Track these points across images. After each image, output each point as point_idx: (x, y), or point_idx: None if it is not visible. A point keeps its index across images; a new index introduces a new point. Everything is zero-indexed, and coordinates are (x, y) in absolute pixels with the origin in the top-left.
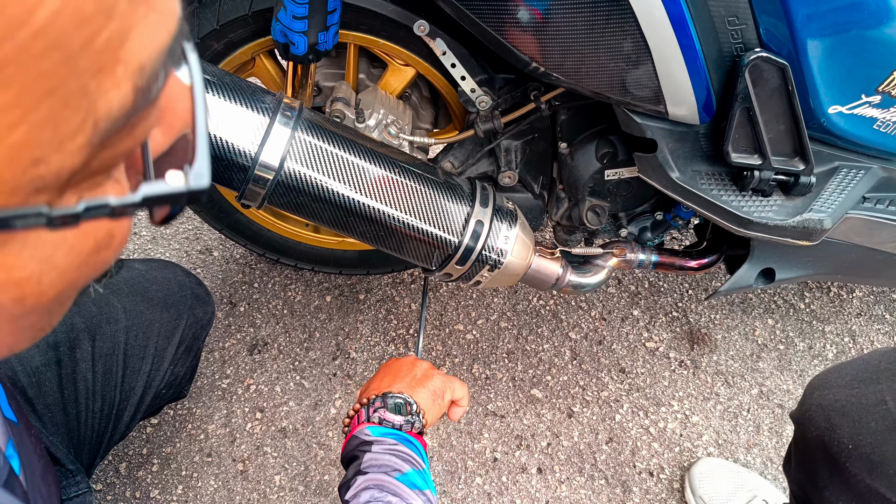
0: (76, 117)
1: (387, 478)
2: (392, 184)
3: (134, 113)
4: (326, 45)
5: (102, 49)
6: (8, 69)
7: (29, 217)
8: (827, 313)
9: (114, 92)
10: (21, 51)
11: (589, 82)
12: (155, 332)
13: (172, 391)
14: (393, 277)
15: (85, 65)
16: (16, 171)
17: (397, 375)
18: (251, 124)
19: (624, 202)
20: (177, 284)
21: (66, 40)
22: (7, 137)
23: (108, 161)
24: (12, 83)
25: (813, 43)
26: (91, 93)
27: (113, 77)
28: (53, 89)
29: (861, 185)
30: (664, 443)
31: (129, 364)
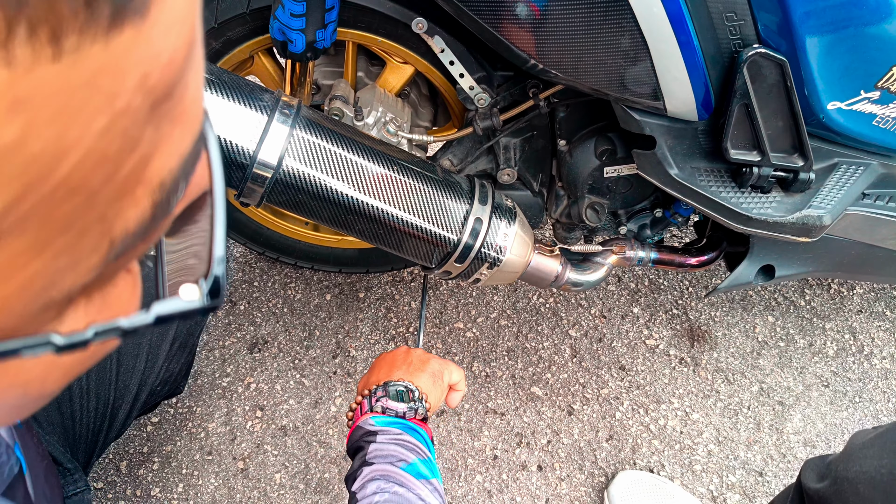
0: (92, 242)
1: (392, 468)
2: (391, 181)
3: (152, 227)
4: (324, 42)
5: (125, 180)
6: (26, 221)
7: (38, 347)
8: (827, 310)
9: (132, 211)
10: (41, 202)
11: (587, 79)
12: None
13: (168, 388)
14: (393, 276)
15: (105, 198)
16: (27, 301)
17: (394, 364)
18: (249, 122)
19: (623, 199)
20: None
21: (87, 183)
22: (19, 274)
23: (118, 270)
24: (28, 231)
25: (811, 39)
26: (109, 219)
27: (132, 198)
28: (71, 226)
29: (860, 181)
30: (664, 440)
31: (122, 362)
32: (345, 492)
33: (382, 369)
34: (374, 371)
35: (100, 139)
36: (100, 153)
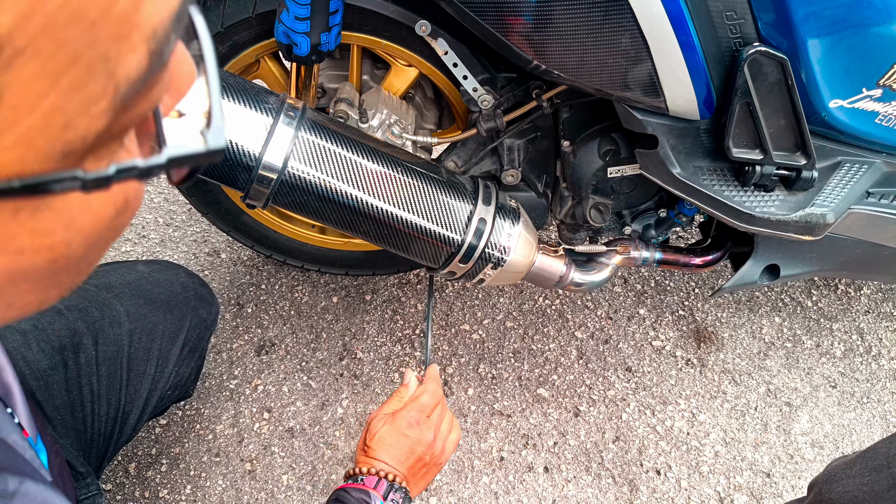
0: (99, 83)
1: None
2: (395, 182)
3: (150, 75)
4: (329, 45)
5: (119, 17)
6: (36, 41)
7: (66, 181)
8: (835, 311)
9: (131, 56)
10: (47, 23)
11: (589, 79)
12: (159, 334)
13: (178, 392)
14: (399, 278)
15: (104, 32)
16: (48, 138)
17: (411, 454)
18: (255, 124)
19: (627, 199)
20: (180, 286)
21: (86, 10)
22: (39, 105)
23: (126, 125)
24: (40, 53)
25: (812, 37)
26: (111, 59)
27: (129, 42)
28: (77, 57)
29: (864, 179)
30: (671, 441)
31: (133, 367)
32: None
33: (407, 455)
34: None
35: None
36: None
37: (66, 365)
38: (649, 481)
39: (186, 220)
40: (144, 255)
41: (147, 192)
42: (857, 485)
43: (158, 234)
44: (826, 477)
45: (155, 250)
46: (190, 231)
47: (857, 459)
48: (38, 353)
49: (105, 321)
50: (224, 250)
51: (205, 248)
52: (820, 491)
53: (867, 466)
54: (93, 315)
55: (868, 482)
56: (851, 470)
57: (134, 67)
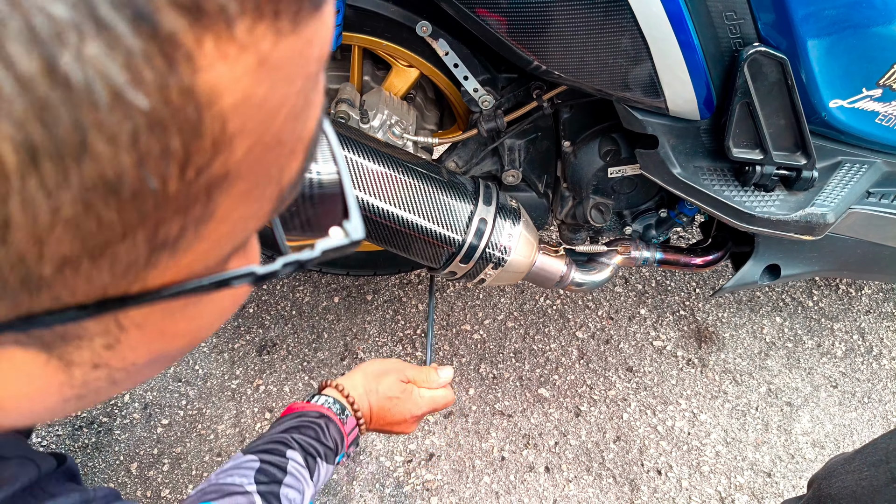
0: (274, 190)
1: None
2: (396, 182)
3: (299, 180)
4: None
5: (298, 135)
6: (250, 167)
7: (244, 276)
8: (836, 311)
9: (294, 164)
10: (261, 151)
11: (589, 79)
12: None
13: None
14: (400, 278)
15: (287, 150)
16: (231, 241)
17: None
18: None
19: (628, 200)
20: None
21: (284, 135)
22: (232, 216)
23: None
24: (249, 176)
25: (812, 37)
26: (284, 169)
27: (297, 154)
28: (269, 175)
29: (864, 179)
30: (672, 441)
31: None
32: (353, 492)
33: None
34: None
35: (297, 98)
36: (295, 110)
37: None
38: (650, 481)
39: None
40: None
41: None
42: (855, 480)
43: None
44: (825, 473)
45: None
46: None
47: (857, 455)
48: None
49: None
50: None
51: None
52: (819, 487)
53: (866, 462)
54: None
55: (867, 477)
56: (850, 465)
57: (293, 174)
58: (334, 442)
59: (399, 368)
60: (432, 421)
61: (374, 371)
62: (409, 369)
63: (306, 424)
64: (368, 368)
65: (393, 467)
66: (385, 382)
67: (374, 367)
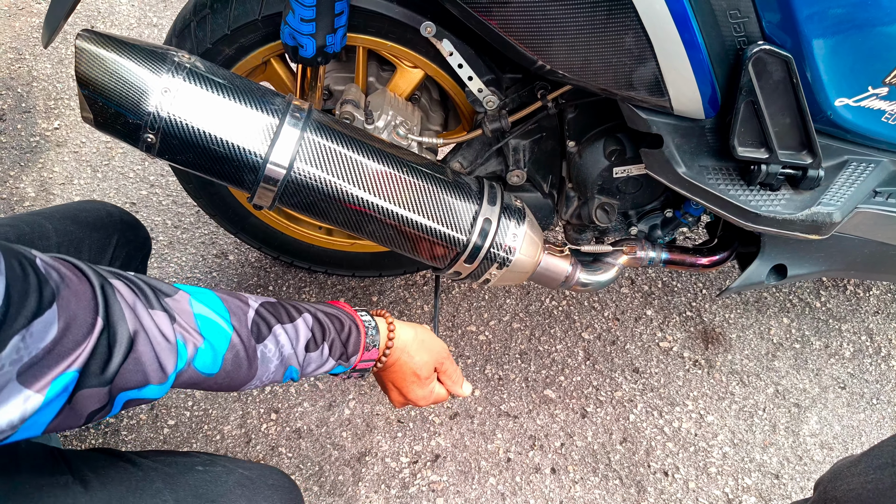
0: None
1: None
2: (400, 182)
3: None
4: (334, 47)
5: None
6: None
7: None
8: (843, 311)
9: None
10: None
11: (593, 79)
12: (86, 248)
13: None
14: (405, 279)
15: None
16: None
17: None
18: (261, 125)
19: (633, 199)
20: (105, 213)
21: None
22: None
23: None
24: None
25: (816, 35)
26: None
27: None
28: None
29: (871, 178)
30: (679, 442)
31: None
32: (358, 493)
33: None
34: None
35: None
36: None
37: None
38: (657, 482)
39: (195, 223)
40: (154, 256)
41: (155, 194)
42: (861, 482)
43: (167, 237)
44: (831, 475)
45: (163, 252)
46: (198, 233)
47: (863, 458)
48: None
49: (34, 234)
50: (232, 252)
51: (213, 249)
52: (825, 489)
53: (872, 465)
54: (22, 230)
55: (872, 480)
56: (856, 468)
57: None
58: (346, 347)
59: (444, 356)
60: (437, 422)
61: (424, 340)
62: (450, 362)
63: (337, 316)
64: (422, 334)
65: (398, 468)
66: (423, 355)
67: (426, 336)
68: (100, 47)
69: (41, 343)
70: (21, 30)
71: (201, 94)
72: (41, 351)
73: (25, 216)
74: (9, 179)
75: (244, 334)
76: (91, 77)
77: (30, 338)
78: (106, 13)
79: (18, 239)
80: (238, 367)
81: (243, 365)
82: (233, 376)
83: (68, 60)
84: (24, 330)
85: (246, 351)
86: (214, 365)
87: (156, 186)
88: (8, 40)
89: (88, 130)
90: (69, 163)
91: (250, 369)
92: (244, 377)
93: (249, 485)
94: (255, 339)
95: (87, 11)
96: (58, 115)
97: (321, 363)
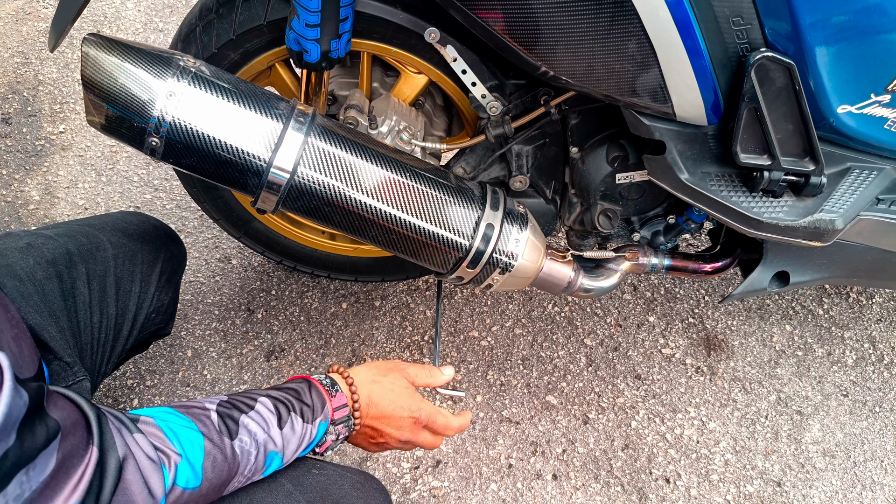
0: None
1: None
2: (403, 187)
3: None
4: (339, 52)
5: None
6: None
7: None
8: (846, 319)
9: None
10: None
11: (597, 85)
12: (139, 260)
13: (160, 318)
14: (408, 284)
15: None
16: None
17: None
18: (265, 130)
19: (636, 206)
20: (151, 226)
21: None
22: None
23: None
24: None
25: (819, 42)
26: None
27: None
28: None
29: (874, 185)
30: (681, 449)
31: (120, 286)
32: None
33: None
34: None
35: None
36: None
37: (60, 276)
38: (658, 489)
39: (198, 227)
40: None
41: (160, 198)
42: None
43: None
44: None
45: None
46: (202, 237)
47: None
48: (34, 266)
49: (92, 245)
50: (235, 256)
51: (216, 253)
52: None
53: None
54: (80, 240)
55: None
56: None
57: None
58: (312, 404)
59: (401, 367)
60: None
61: (382, 365)
62: (410, 367)
63: (285, 387)
64: (376, 363)
65: (400, 474)
66: (391, 376)
67: (382, 363)
68: (106, 51)
69: (41, 476)
70: (28, 34)
71: (206, 99)
72: (41, 485)
73: (76, 226)
74: (14, 182)
75: (215, 438)
76: (97, 81)
77: (33, 470)
78: (112, 18)
79: (78, 249)
80: (219, 472)
81: (223, 468)
82: (215, 482)
83: (74, 65)
84: (28, 464)
85: (223, 452)
86: (196, 478)
87: (160, 190)
88: (15, 44)
89: (93, 134)
90: (74, 166)
91: (231, 468)
92: (226, 477)
93: (361, 487)
94: (228, 436)
95: (93, 16)
96: (63, 119)
97: (301, 434)
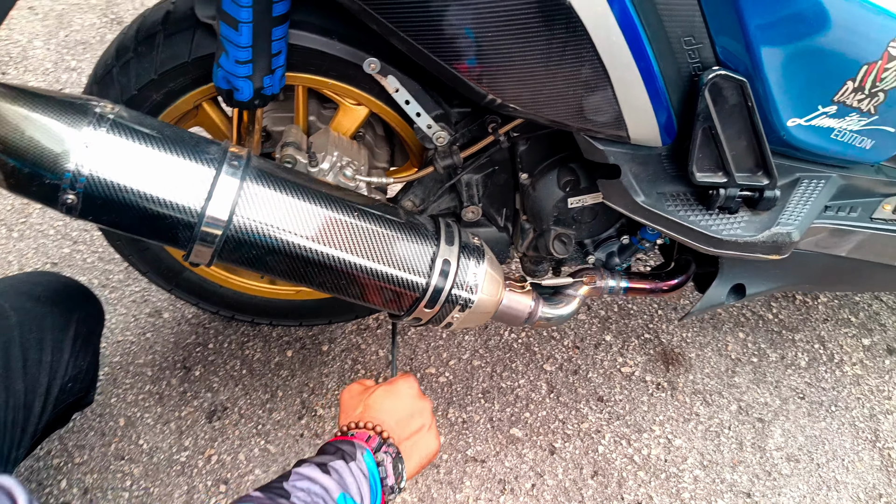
0: None
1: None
2: (351, 228)
3: None
4: (273, 88)
5: None
6: None
7: None
8: (795, 322)
9: None
10: None
11: (548, 112)
12: (48, 325)
13: (78, 386)
14: (357, 324)
15: None
16: None
17: (411, 420)
18: (195, 178)
19: (589, 229)
20: (60, 284)
21: None
22: None
23: None
24: None
25: (768, 57)
26: None
27: None
28: None
29: (823, 194)
30: (650, 470)
31: (28, 356)
32: None
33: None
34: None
35: None
36: None
37: None
38: None
39: (124, 280)
40: None
41: (79, 251)
42: None
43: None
44: None
45: None
46: (128, 291)
47: None
48: None
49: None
50: (166, 309)
51: (146, 308)
52: None
53: None
54: None
55: None
56: None
57: None
58: (341, 448)
59: (368, 387)
60: None
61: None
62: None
63: (305, 460)
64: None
65: None
66: (370, 394)
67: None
68: (9, 101)
69: None
70: None
71: (127, 148)
72: None
73: None
74: None
75: None
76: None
77: None
78: (18, 58)
79: None
80: None
81: None
82: None
83: None
84: None
85: None
86: None
87: (79, 243)
88: None
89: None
90: None
91: None
92: None
93: None
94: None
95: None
96: None
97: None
